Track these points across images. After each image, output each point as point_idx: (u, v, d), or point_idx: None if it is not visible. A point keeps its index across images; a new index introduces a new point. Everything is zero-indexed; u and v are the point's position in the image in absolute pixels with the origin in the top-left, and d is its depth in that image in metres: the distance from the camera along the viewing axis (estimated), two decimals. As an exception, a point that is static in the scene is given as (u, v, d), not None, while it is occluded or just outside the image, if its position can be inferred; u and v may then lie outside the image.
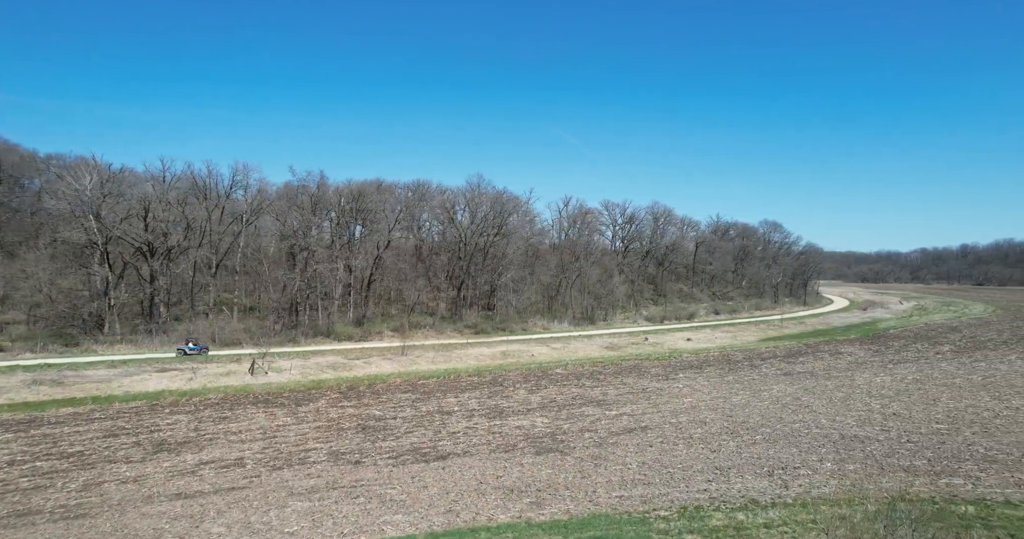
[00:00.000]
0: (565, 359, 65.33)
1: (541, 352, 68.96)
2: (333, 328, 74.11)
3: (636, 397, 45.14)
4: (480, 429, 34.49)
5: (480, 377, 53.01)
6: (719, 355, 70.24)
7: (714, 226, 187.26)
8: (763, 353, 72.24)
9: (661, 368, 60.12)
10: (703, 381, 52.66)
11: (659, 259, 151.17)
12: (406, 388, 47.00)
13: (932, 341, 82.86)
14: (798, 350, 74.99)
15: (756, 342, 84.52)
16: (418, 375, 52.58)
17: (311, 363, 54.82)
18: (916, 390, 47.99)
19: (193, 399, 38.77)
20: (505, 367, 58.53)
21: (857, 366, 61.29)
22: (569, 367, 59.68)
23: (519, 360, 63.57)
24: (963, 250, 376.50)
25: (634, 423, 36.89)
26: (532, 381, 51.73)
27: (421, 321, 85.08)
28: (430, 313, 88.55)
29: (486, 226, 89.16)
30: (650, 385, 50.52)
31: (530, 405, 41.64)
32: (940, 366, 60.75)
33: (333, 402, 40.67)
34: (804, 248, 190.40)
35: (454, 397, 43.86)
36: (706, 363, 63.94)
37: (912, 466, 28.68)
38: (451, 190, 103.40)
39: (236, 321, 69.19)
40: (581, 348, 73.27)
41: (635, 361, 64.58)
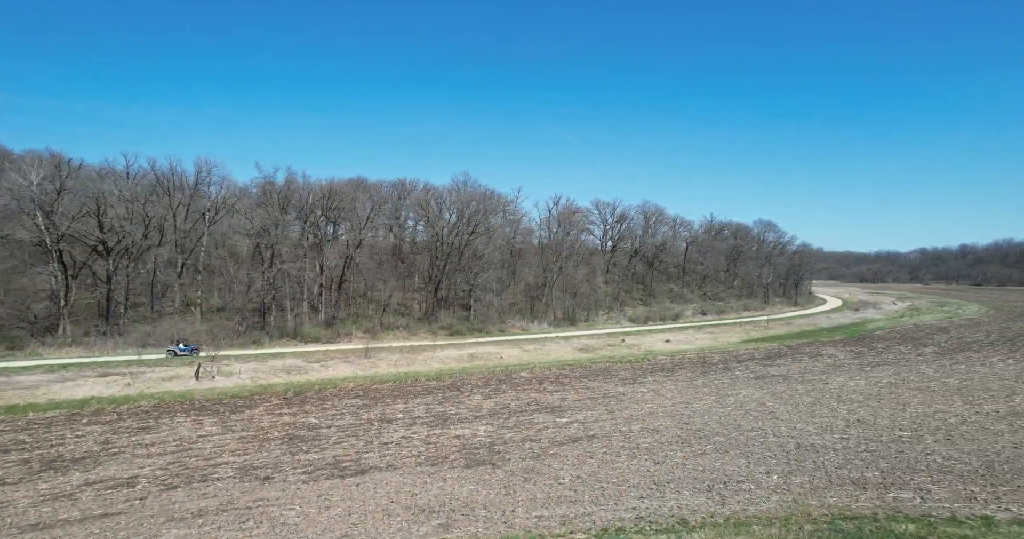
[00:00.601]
0: (535, 362, 63.53)
1: (511, 355, 67.15)
2: (300, 329, 72.35)
3: (594, 403, 43.32)
4: (416, 439, 32.70)
5: (439, 381, 51.21)
6: (695, 357, 68.40)
7: (707, 226, 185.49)
8: (741, 355, 70.38)
9: (631, 371, 58.30)
10: (670, 385, 50.83)
11: (649, 259, 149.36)
12: (356, 393, 45.20)
13: (917, 342, 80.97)
14: (778, 352, 73.12)
15: (737, 343, 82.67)
16: (375, 379, 50.78)
17: (266, 366, 53.04)
18: (888, 395, 46.13)
19: (121, 407, 36.98)
20: (469, 370, 56.71)
21: (834, 369, 59.44)
22: (536, 370, 57.86)
23: (486, 363, 61.77)
24: (962, 250, 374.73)
25: (582, 431, 35.07)
26: (492, 385, 49.92)
27: (394, 322, 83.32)
28: (404, 314, 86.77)
29: (461, 225, 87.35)
30: (613, 390, 48.69)
31: (480, 412, 39.84)
32: (919, 369, 58.88)
33: (272, 409, 38.88)
34: (798, 248, 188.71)
35: (403, 403, 42.07)
36: (679, 366, 62.10)
37: (863, 478, 26.86)
38: (434, 188, 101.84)
39: (199, 322, 67.44)
40: (555, 350, 71.47)
41: (606, 364, 62.75)
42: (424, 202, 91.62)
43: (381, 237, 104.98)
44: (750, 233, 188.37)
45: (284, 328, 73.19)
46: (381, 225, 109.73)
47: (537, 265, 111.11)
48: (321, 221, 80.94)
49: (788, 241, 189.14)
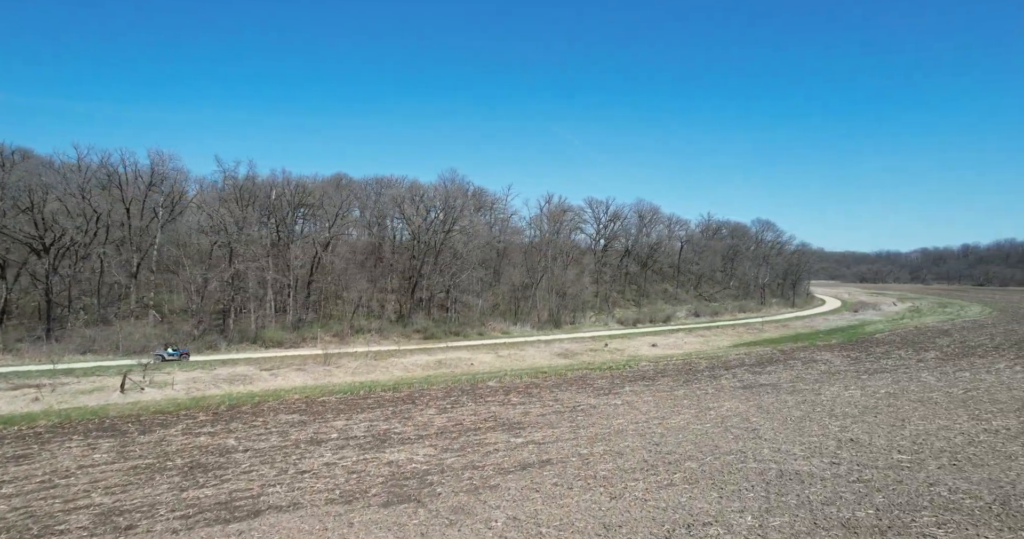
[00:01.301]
0: (507, 369, 59.21)
1: (484, 361, 62.84)
2: (261, 333, 68.05)
3: (559, 418, 38.99)
4: (341, 466, 28.37)
5: (395, 392, 46.87)
6: (681, 363, 64.04)
7: (704, 225, 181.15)
8: (730, 361, 66.02)
9: (608, 380, 53.95)
10: (648, 396, 46.48)
11: (642, 259, 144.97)
12: (298, 407, 40.87)
13: (918, 347, 76.56)
14: (770, 357, 68.74)
15: (728, 347, 78.32)
16: (325, 390, 46.45)
17: (210, 375, 48.72)
18: (886, 407, 41.77)
19: (11, 428, 32.68)
20: (432, 379, 52.38)
21: (828, 377, 55.07)
22: (506, 379, 53.52)
23: (453, 371, 57.45)
24: (964, 250, 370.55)
25: (536, 455, 30.74)
26: (452, 397, 45.59)
27: (366, 325, 78.99)
28: (378, 316, 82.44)
29: (437, 222, 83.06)
30: (585, 402, 44.35)
31: (427, 430, 35.51)
32: (920, 377, 54.51)
33: (193, 428, 34.56)
34: (797, 247, 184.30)
35: (345, 419, 37.74)
36: (662, 373, 57.75)
37: (854, 519, 22.55)
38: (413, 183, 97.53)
39: (152, 326, 63.17)
40: (532, 355, 67.13)
41: (584, 371, 58.41)
42: (399, 197, 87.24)
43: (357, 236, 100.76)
44: (748, 232, 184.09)
45: (246, 332, 68.92)
46: (359, 223, 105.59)
47: (523, 265, 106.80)
48: (288, 218, 76.61)
49: (787, 241, 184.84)
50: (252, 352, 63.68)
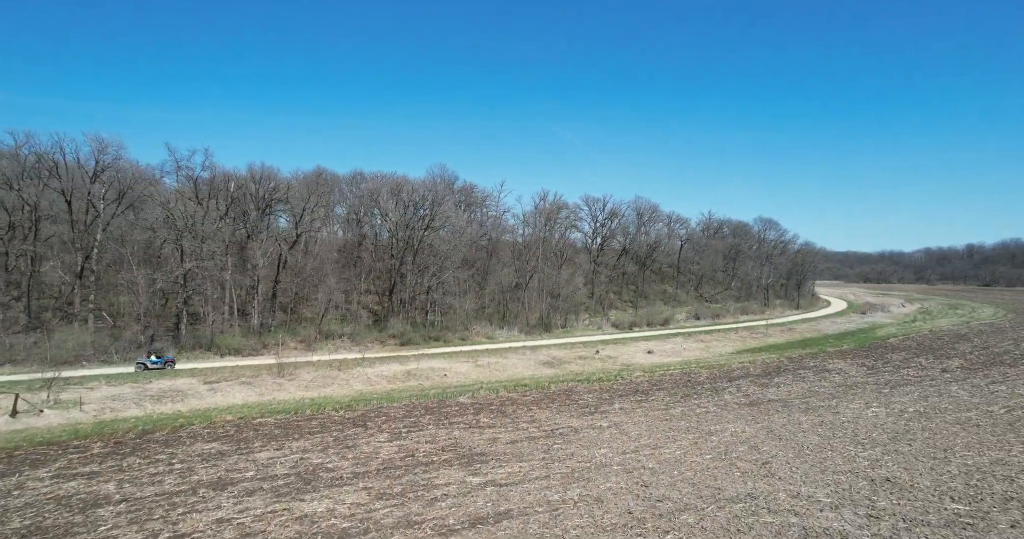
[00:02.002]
0: (484, 381, 52.92)
1: (460, 371, 56.52)
2: (216, 340, 61.78)
3: (532, 447, 32.65)
4: (235, 525, 22.03)
5: (349, 411, 40.51)
6: (679, 373, 57.68)
7: (705, 223, 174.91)
8: (734, 370, 59.65)
9: (596, 394, 47.59)
10: (640, 416, 40.12)
11: (641, 258, 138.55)
12: (224, 433, 34.53)
13: (938, 354, 70.16)
14: (777, 366, 62.37)
15: (731, 354, 71.98)
16: (266, 409, 40.12)
17: (134, 392, 42.38)
18: (920, 431, 35.41)
19: None
20: (396, 394, 46.07)
21: (845, 390, 48.68)
22: (480, 394, 47.17)
23: (422, 384, 51.16)
24: (968, 250, 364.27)
25: (493, 504, 24.41)
26: (413, 417, 39.24)
27: (337, 330, 72.75)
28: (351, 320, 76.13)
29: (416, 219, 76.80)
30: (566, 423, 38.01)
31: (369, 465, 29.17)
32: (950, 390, 48.12)
33: (70, 466, 28.19)
34: (801, 247, 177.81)
35: (274, 450, 31.41)
36: (658, 386, 51.40)
37: (915, 617, 16.15)
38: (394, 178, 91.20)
39: (87, 332, 56.87)
40: (514, 364, 60.80)
41: (571, 383, 52.07)
42: (375, 190, 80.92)
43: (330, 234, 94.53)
44: (750, 231, 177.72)
45: (201, 338, 62.67)
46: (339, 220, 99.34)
47: (512, 264, 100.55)
48: (253, 214, 70.31)
49: (790, 240, 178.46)
50: (204, 361, 57.42)
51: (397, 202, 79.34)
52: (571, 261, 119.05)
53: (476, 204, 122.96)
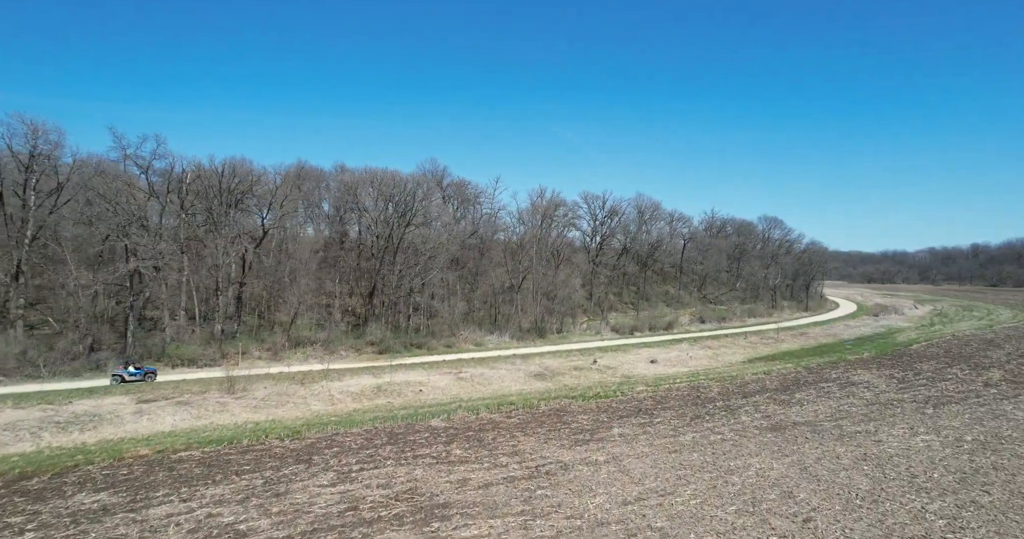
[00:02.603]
0: (465, 398, 46.34)
1: (439, 386, 49.90)
2: (167, 349, 55.20)
3: (511, 493, 26.07)
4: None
5: (296, 440, 33.90)
6: (687, 387, 51.05)
7: (708, 222, 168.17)
8: (748, 384, 53.02)
9: (593, 414, 40.98)
10: (643, 445, 33.53)
11: (642, 258, 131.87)
12: (128, 476, 27.89)
13: (971, 362, 63.52)
14: (796, 377, 55.75)
15: (742, 363, 65.37)
16: (195, 438, 33.52)
17: (41, 417, 35.70)
18: (992, 470, 28.82)
19: None
20: (358, 416, 39.47)
21: (881, 410, 42.05)
22: (458, 415, 40.55)
23: (393, 401, 44.56)
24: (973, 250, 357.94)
25: (446, 592, 17.78)
26: (371, 448, 32.64)
27: (310, 337, 66.12)
28: (325, 326, 69.53)
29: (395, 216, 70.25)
30: (555, 456, 31.42)
31: (296, 526, 22.58)
32: (1005, 411, 41.50)
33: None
34: (807, 246, 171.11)
35: (179, 502, 24.78)
36: (664, 403, 44.77)
37: None
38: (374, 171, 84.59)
39: (18, 342, 50.27)
40: (502, 377, 54.19)
41: (563, 400, 45.44)
42: (352, 183, 74.30)
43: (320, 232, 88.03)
44: (754, 230, 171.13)
45: (152, 348, 56.12)
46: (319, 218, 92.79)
47: (504, 265, 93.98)
48: (218, 208, 63.71)
49: (796, 239, 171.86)
50: (150, 374, 50.77)
51: (378, 196, 72.71)
52: (568, 261, 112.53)
53: (469, 201, 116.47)
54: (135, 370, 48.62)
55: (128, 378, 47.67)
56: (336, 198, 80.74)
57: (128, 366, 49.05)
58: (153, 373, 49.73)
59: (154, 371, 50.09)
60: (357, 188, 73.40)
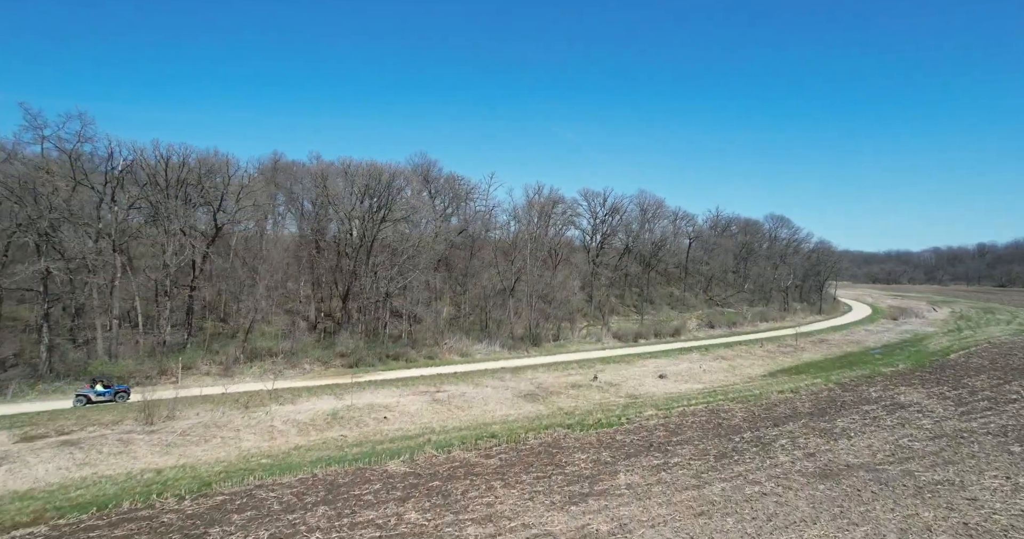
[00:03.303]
0: (438, 427, 38.21)
1: (410, 410, 41.77)
2: (90, 366, 47.06)
3: (473, 598, 17.91)
4: None
5: (200, 500, 25.73)
6: (705, 412, 42.91)
7: (713, 220, 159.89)
8: (775, 405, 44.90)
9: (594, 452, 32.85)
10: (658, 504, 25.41)
11: (645, 258, 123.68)
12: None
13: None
14: (830, 397, 47.61)
15: (763, 378, 57.26)
16: (60, 502, 25.28)
17: None
18: None
19: None
20: (297, 458, 31.31)
21: (951, 446, 33.91)
22: (425, 452, 32.44)
23: (349, 434, 36.41)
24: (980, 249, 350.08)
25: None
26: (297, 512, 24.50)
27: (271, 349, 58.00)
28: (289, 336, 61.40)
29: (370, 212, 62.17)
30: (541, 523, 23.31)
31: None
32: (1104, 447, 33.38)
33: None
34: (816, 245, 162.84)
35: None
36: (679, 434, 36.65)
37: None
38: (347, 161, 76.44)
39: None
40: (486, 398, 46.03)
41: (558, 429, 37.33)
42: (319, 174, 66.12)
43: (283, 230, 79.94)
44: (760, 229, 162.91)
45: (74, 364, 47.97)
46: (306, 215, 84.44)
47: (495, 265, 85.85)
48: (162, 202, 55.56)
49: (803, 238, 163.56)
50: (60, 398, 42.66)
51: (352, 188, 64.48)
52: (567, 261, 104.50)
53: (460, 197, 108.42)
54: (104, 389, 42.11)
55: (96, 399, 41.45)
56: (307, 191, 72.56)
57: (95, 384, 42.26)
58: (126, 392, 43.36)
59: (127, 390, 43.66)
60: (327, 179, 65.22)
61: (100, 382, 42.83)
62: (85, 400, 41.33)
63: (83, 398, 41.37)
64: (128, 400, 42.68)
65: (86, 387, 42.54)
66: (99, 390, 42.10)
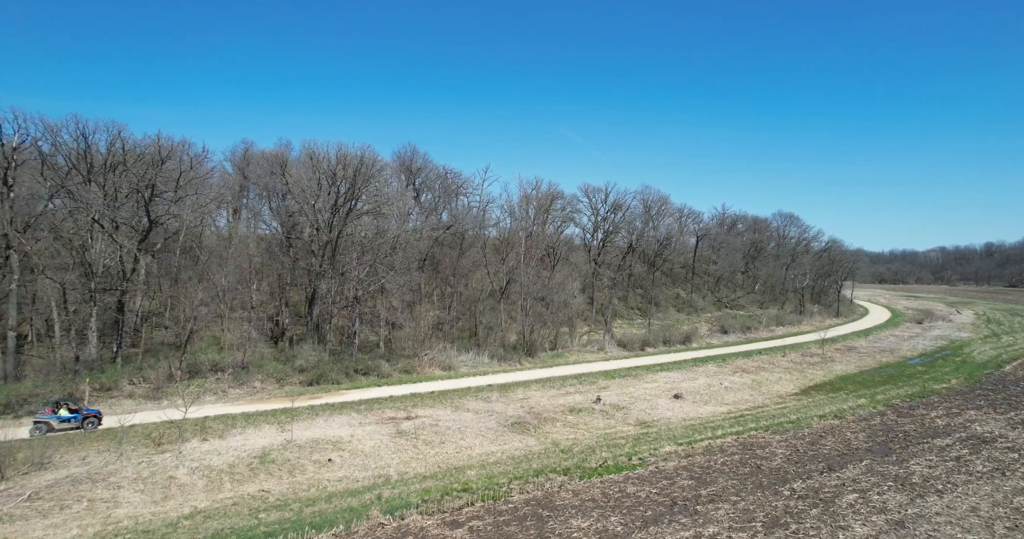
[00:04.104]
0: (395, 474, 29.53)
1: (363, 448, 33.08)
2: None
3: None
4: None
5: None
6: (736, 447, 34.20)
7: (719, 218, 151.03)
8: (821, 437, 36.20)
9: (598, 515, 24.04)
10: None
11: (650, 257, 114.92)
12: None
13: (1112, 397, 46.72)
14: (886, 426, 38.91)
15: (796, 398, 48.58)
16: None
17: None
18: None
19: None
20: (183, 535, 22.67)
21: (1075, 504, 25.23)
22: (369, 518, 23.71)
23: (274, 488, 27.67)
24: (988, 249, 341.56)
25: None
26: None
27: (218, 363, 49.37)
28: (239, 347, 52.69)
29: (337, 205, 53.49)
30: None
31: None
32: None
33: None
34: (827, 243, 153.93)
35: None
36: (708, 484, 27.93)
37: None
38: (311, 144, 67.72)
39: None
40: (464, 426, 37.32)
41: (550, 476, 28.65)
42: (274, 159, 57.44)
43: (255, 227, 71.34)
44: (768, 227, 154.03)
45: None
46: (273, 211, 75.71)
47: (485, 265, 77.18)
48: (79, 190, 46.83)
49: (813, 236, 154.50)
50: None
51: (315, 175, 55.73)
52: (566, 260, 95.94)
53: (451, 192, 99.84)
54: (69, 414, 35.52)
55: (59, 426, 34.88)
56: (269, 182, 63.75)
57: (58, 407, 35.63)
58: (97, 416, 36.54)
59: (98, 414, 36.84)
60: (287, 166, 56.53)
61: (65, 405, 35.86)
62: (46, 428, 34.51)
63: (43, 425, 34.56)
64: (98, 427, 35.82)
65: (47, 411, 35.46)
66: (63, 415, 35.17)
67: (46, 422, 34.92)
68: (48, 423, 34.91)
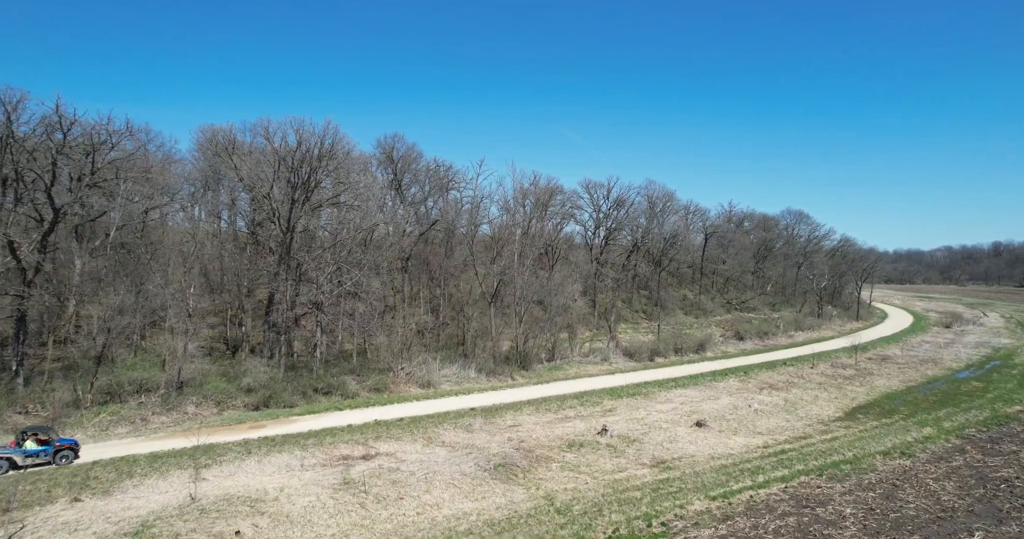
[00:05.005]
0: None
1: (293, 509, 24.54)
2: None
3: None
4: None
5: None
6: (789, 503, 25.77)
7: (727, 215, 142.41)
8: (895, 487, 27.74)
9: None
10: None
11: (655, 256, 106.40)
12: None
13: None
14: (970, 466, 30.53)
15: (843, 423, 40.06)
16: None
17: None
18: None
19: None
20: None
21: None
22: None
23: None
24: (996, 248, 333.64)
25: None
26: None
27: (146, 383, 40.99)
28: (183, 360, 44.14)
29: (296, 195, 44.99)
30: None
31: None
32: None
33: None
34: (840, 242, 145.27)
35: None
36: (769, 579, 19.56)
37: None
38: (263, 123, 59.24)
39: None
40: (432, 471, 28.80)
41: (542, 567, 20.25)
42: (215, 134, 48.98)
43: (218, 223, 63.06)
44: (777, 225, 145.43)
45: None
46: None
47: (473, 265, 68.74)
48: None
49: (825, 235, 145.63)
50: None
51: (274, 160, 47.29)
52: (566, 260, 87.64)
53: (442, 187, 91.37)
54: (38, 446, 28.63)
55: (23, 462, 28.22)
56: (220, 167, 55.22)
57: (24, 439, 28.67)
58: (74, 448, 29.56)
59: (75, 445, 29.79)
60: (236, 145, 48.12)
61: (34, 436, 28.83)
62: (8, 465, 27.92)
63: (4, 462, 27.86)
64: (73, 461, 29.05)
65: (10, 445, 28.77)
66: (29, 449, 28.36)
67: (8, 458, 27.93)
68: (11, 459, 27.95)
